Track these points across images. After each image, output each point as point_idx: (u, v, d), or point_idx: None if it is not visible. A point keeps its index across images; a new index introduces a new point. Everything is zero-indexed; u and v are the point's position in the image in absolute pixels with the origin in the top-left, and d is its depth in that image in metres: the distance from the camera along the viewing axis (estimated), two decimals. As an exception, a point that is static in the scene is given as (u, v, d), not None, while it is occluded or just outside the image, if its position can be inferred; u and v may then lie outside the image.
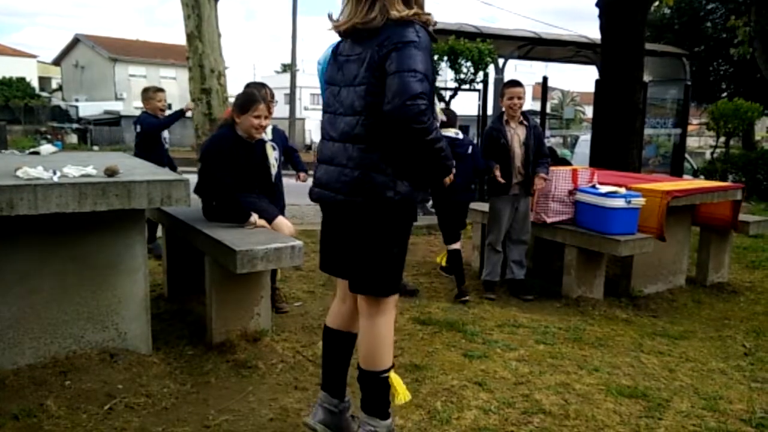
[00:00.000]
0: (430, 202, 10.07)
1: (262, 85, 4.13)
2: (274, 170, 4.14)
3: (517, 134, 4.81)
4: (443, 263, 5.11)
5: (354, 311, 2.33)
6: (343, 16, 2.15)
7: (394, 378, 2.27)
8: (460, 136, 4.91)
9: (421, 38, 2.02)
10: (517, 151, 4.79)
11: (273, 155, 4.13)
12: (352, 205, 2.12)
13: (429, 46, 2.06)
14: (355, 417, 2.46)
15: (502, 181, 4.74)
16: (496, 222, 4.95)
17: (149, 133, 5.72)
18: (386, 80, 1.99)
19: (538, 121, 8.24)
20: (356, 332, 2.36)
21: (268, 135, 4.13)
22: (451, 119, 4.95)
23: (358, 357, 2.29)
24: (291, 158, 4.51)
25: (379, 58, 2.01)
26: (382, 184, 2.07)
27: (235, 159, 3.72)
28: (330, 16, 2.24)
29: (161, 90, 6.08)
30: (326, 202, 2.22)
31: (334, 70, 2.24)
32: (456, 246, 4.91)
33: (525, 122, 4.81)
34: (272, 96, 4.15)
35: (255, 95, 3.75)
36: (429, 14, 2.13)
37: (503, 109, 4.87)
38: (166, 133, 5.89)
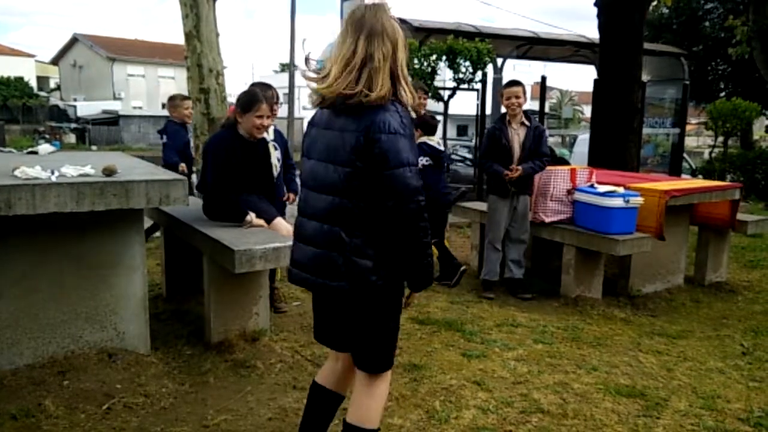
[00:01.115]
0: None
1: (268, 86, 4.13)
2: (276, 170, 4.14)
3: (517, 134, 4.85)
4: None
5: (347, 371, 2.26)
6: (329, 80, 1.99)
7: None
8: (441, 147, 5.10)
9: (406, 125, 1.99)
10: (517, 151, 4.83)
11: (275, 155, 4.13)
12: (333, 290, 2.04)
13: (412, 129, 2.04)
14: None
15: (514, 175, 4.76)
16: (494, 220, 4.98)
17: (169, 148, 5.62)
18: (380, 173, 1.94)
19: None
20: (344, 395, 2.32)
21: (270, 135, 4.13)
22: (433, 127, 5.12)
23: (348, 411, 2.17)
24: (286, 173, 4.43)
25: (366, 143, 1.95)
26: (366, 269, 1.99)
27: (234, 159, 3.73)
28: (307, 60, 2.09)
29: (188, 98, 5.94)
30: (307, 284, 2.12)
31: (311, 142, 2.15)
32: (436, 239, 5.10)
33: (526, 123, 4.83)
34: (278, 98, 4.15)
35: (257, 95, 3.75)
36: (411, 91, 2.06)
37: (503, 110, 4.91)
38: (192, 142, 5.76)
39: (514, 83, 4.88)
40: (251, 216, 3.67)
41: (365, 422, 2.13)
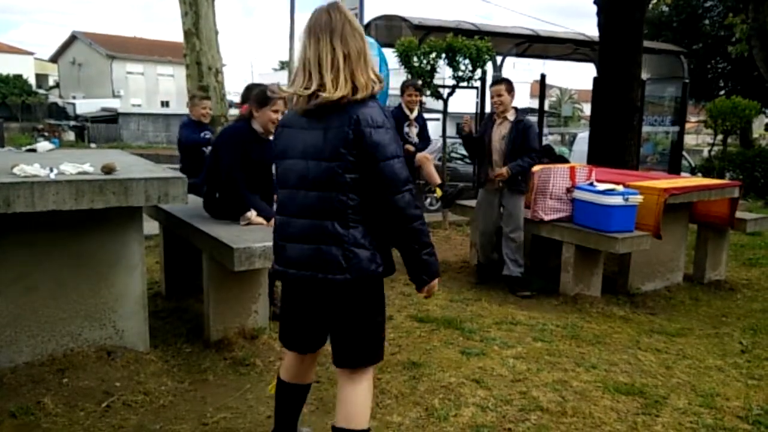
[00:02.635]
0: (428, 200, 10.11)
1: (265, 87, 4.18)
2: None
3: (500, 129, 4.93)
4: None
5: (311, 365, 2.33)
6: (306, 86, 2.03)
7: None
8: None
9: (387, 117, 2.05)
10: (496, 145, 4.94)
11: None
12: (335, 284, 2.05)
13: (393, 122, 2.09)
14: None
15: (499, 175, 4.84)
16: (479, 212, 5.22)
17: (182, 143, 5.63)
18: (370, 165, 2.00)
19: (534, 118, 8.25)
20: (311, 382, 2.37)
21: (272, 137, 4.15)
22: None
23: (337, 417, 2.16)
24: None
25: (355, 137, 1.99)
26: (366, 259, 2.04)
27: (247, 153, 3.76)
28: (279, 88, 2.17)
29: (207, 98, 6.02)
30: (305, 281, 2.10)
31: (286, 142, 2.15)
32: None
33: (509, 118, 4.90)
34: None
35: (272, 92, 3.84)
36: (379, 80, 2.11)
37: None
38: (208, 135, 5.72)
39: (497, 81, 5.04)
40: (252, 213, 3.68)
41: (356, 425, 2.11)
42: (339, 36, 2.02)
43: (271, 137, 4.09)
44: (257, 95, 3.79)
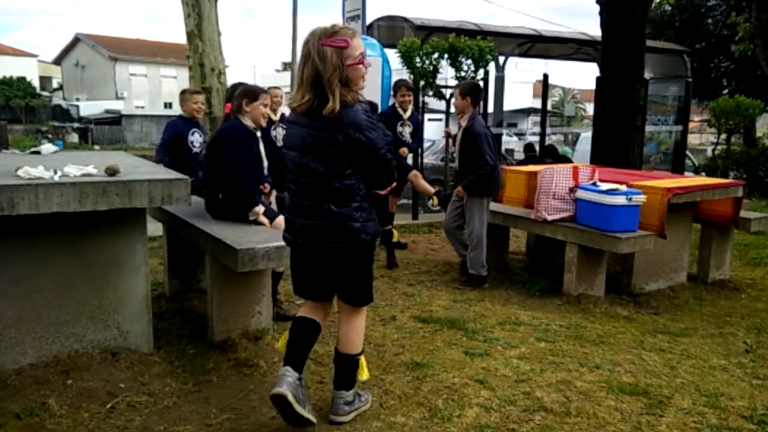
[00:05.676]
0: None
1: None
2: (265, 162, 4.16)
3: (459, 135, 5.05)
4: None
5: (324, 311, 2.78)
6: (306, 103, 2.43)
7: (362, 359, 2.78)
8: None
9: (371, 117, 2.48)
10: (457, 149, 5.12)
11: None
12: (333, 250, 2.57)
13: (374, 117, 2.52)
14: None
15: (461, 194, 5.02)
16: None
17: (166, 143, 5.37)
18: (366, 159, 2.49)
19: (537, 118, 8.23)
20: (322, 324, 2.76)
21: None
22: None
23: (340, 345, 2.72)
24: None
25: (346, 141, 2.42)
26: (358, 230, 2.55)
27: (248, 147, 3.81)
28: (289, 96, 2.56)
29: (198, 92, 5.54)
30: (309, 247, 2.61)
31: (290, 137, 2.61)
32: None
33: (463, 125, 4.98)
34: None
35: (259, 87, 3.99)
36: (359, 90, 2.48)
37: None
38: (195, 138, 5.37)
39: (455, 86, 5.24)
40: (260, 208, 3.70)
41: (352, 349, 2.72)
42: (311, 58, 2.38)
43: (259, 133, 4.12)
44: (246, 91, 3.89)
